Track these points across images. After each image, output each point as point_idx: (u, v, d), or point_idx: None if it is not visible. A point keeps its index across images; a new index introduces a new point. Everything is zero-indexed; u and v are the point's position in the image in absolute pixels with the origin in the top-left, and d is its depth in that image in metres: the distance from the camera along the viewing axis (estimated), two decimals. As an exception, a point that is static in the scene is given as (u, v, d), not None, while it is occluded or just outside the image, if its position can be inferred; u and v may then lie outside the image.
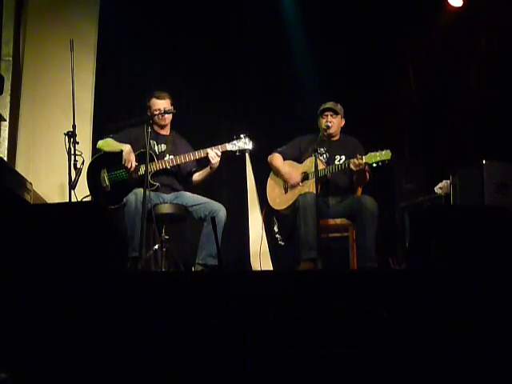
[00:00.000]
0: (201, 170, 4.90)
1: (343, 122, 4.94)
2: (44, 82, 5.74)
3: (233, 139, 4.76)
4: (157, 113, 4.77)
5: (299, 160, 4.92)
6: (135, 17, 5.94)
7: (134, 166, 4.68)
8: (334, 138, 4.93)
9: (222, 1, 6.16)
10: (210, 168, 4.78)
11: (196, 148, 4.84)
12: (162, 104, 4.80)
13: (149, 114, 4.81)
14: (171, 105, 4.83)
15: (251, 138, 4.78)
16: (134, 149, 4.76)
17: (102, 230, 3.10)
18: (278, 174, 4.96)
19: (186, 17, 6.06)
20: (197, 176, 4.92)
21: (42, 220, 3.06)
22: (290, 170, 4.88)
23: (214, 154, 4.68)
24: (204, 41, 6.06)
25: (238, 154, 4.79)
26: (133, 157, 4.70)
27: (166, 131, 4.92)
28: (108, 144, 4.82)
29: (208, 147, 4.74)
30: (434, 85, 6.18)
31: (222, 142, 4.76)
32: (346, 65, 6.14)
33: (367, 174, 4.70)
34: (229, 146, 4.74)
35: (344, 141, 4.95)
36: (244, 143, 4.74)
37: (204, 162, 4.81)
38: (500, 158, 5.01)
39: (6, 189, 4.06)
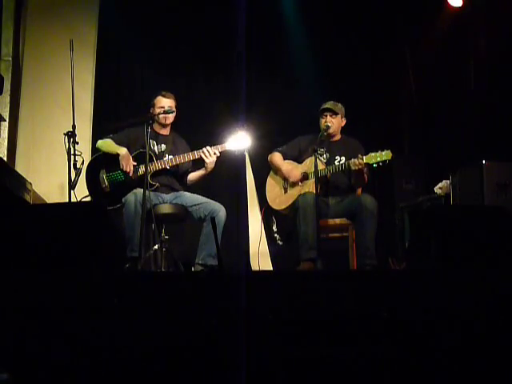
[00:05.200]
0: (196, 169, 4.90)
1: (344, 122, 4.93)
2: (44, 82, 5.74)
3: (231, 138, 4.76)
4: (161, 110, 4.77)
5: (299, 160, 4.92)
6: (135, 17, 5.94)
7: (131, 169, 4.68)
8: (335, 139, 4.93)
9: (222, 0, 6.16)
10: (206, 168, 4.78)
11: (195, 148, 4.84)
12: (166, 102, 4.81)
13: (151, 112, 4.81)
14: (175, 105, 4.85)
15: (249, 137, 4.77)
16: (133, 149, 4.76)
17: (102, 230, 3.10)
18: (277, 171, 4.96)
19: (185, 16, 6.06)
20: (192, 176, 4.92)
21: (42, 220, 3.06)
22: (290, 167, 4.89)
23: (209, 154, 4.67)
24: (203, 40, 6.06)
25: (237, 153, 4.79)
26: (130, 160, 4.70)
27: (166, 131, 4.92)
28: (107, 145, 4.82)
29: (205, 147, 4.74)
30: (434, 85, 6.18)
31: (220, 142, 4.76)
32: (346, 64, 6.14)
33: (365, 175, 4.69)
34: (227, 146, 4.74)
35: (345, 142, 4.95)
36: (242, 142, 4.74)
37: (200, 161, 4.81)
38: (500, 157, 5.00)
39: (5, 189, 4.06)
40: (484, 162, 4.85)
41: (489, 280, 2.88)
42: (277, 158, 4.97)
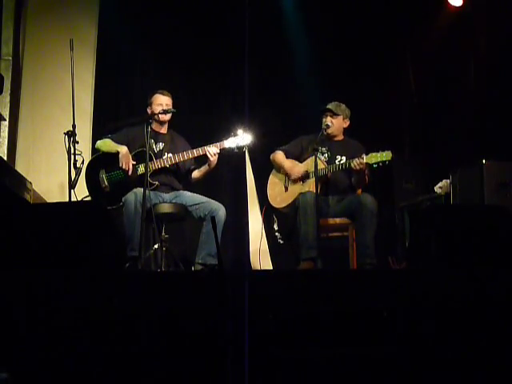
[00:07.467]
0: (199, 167, 4.91)
1: (347, 123, 4.93)
2: (44, 82, 5.74)
3: (230, 136, 4.76)
4: (159, 108, 4.77)
5: (300, 159, 4.93)
6: (135, 17, 5.95)
7: (131, 168, 4.68)
8: (336, 139, 4.94)
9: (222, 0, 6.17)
10: (208, 165, 4.79)
11: (194, 146, 4.84)
12: (164, 100, 4.83)
13: (149, 111, 4.82)
14: (172, 104, 4.86)
15: (249, 135, 4.76)
16: (132, 148, 4.76)
17: (102, 229, 3.10)
18: (280, 169, 4.97)
19: (185, 16, 6.06)
20: (196, 173, 4.93)
21: (42, 220, 3.07)
22: (292, 164, 4.90)
23: (212, 152, 4.69)
24: (203, 40, 6.06)
25: (236, 150, 4.79)
26: (130, 159, 4.70)
27: (164, 130, 4.93)
28: (106, 144, 4.83)
29: (206, 145, 4.74)
30: (433, 85, 6.18)
31: (220, 140, 4.76)
32: (347, 64, 6.14)
33: (366, 176, 4.70)
34: (227, 143, 4.74)
35: (346, 142, 4.95)
36: (242, 139, 4.74)
37: (202, 159, 4.81)
38: (500, 157, 5.00)
39: (6, 188, 4.06)
40: (484, 161, 4.85)
41: (489, 280, 2.88)
42: (279, 156, 4.99)
